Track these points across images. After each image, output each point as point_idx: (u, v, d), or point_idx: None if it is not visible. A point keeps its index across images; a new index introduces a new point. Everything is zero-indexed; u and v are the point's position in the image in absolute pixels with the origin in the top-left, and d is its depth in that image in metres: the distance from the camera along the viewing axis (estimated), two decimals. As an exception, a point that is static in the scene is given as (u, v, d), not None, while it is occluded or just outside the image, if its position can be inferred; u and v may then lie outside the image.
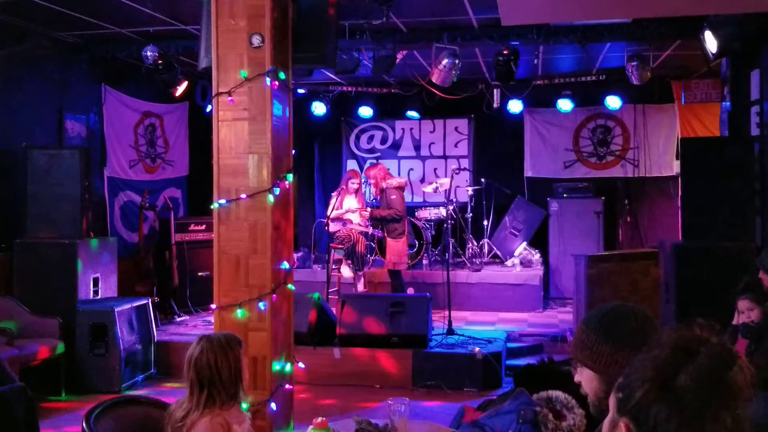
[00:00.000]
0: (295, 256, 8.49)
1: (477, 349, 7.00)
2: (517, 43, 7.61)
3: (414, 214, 10.32)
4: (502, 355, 7.14)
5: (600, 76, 9.79)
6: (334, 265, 9.12)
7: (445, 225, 9.75)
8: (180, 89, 8.77)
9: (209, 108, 8.33)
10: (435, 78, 8.03)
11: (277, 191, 4.63)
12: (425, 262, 10.32)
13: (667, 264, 6.55)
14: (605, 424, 1.33)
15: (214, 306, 4.66)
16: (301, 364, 5.20)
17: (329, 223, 8.92)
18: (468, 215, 10.74)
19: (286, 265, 4.80)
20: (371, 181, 9.37)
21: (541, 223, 10.95)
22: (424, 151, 11.98)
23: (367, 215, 9.13)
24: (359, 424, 3.31)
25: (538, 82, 10.05)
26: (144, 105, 9.64)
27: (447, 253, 9.47)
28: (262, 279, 4.59)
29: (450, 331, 7.67)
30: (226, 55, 4.61)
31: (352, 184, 9.28)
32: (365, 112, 11.41)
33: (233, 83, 4.59)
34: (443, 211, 10.01)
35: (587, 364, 2.00)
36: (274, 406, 4.56)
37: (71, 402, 6.50)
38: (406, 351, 7.02)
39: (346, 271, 9.14)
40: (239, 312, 4.56)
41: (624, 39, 7.69)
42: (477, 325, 8.50)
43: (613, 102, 10.34)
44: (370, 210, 9.16)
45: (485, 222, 10.90)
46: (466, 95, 10.00)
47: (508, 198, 11.09)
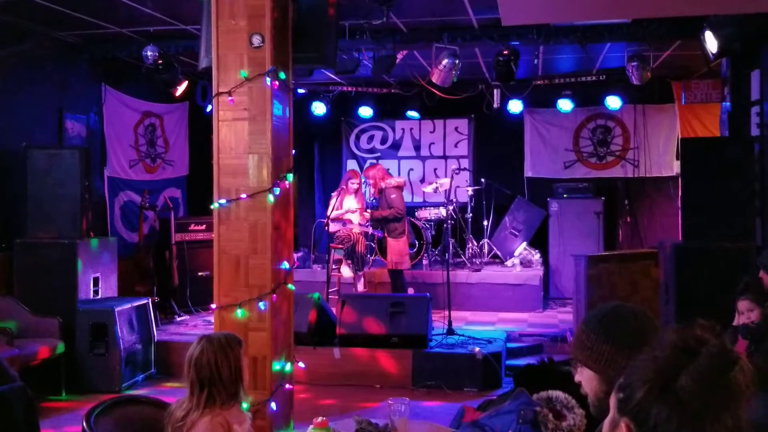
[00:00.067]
0: (295, 256, 8.48)
1: (477, 349, 7.00)
2: (518, 44, 7.61)
3: (414, 214, 10.32)
4: (502, 355, 7.15)
5: (600, 76, 9.78)
6: (334, 265, 9.12)
7: (445, 225, 9.75)
8: (180, 89, 8.77)
9: (209, 108, 8.34)
10: (435, 78, 8.03)
11: (277, 191, 4.63)
12: (425, 262, 10.32)
13: (667, 264, 6.55)
14: (606, 424, 1.33)
15: (214, 306, 4.66)
16: (301, 364, 5.21)
17: (329, 223, 8.92)
18: (468, 215, 10.74)
19: (286, 265, 4.80)
20: (370, 182, 9.37)
21: (541, 224, 10.95)
22: (424, 151, 11.98)
23: (368, 218, 9.12)
24: (359, 424, 3.31)
25: (538, 82, 10.04)
26: (144, 105, 9.63)
27: (447, 253, 9.47)
28: (262, 279, 4.59)
29: (450, 331, 7.68)
30: (226, 55, 4.61)
31: (352, 184, 9.27)
32: (365, 112, 11.40)
33: (233, 83, 4.59)
34: (443, 211, 10.01)
35: (587, 364, 2.00)
36: (274, 406, 4.56)
37: (71, 402, 6.50)
38: (406, 351, 7.03)
39: (346, 271, 9.14)
40: (239, 312, 4.56)
41: (624, 39, 7.69)
42: (477, 325, 8.50)
43: (613, 102, 10.33)
44: (370, 212, 9.15)
45: (485, 222, 10.90)
46: (466, 95, 10.00)
47: (508, 198, 11.09)
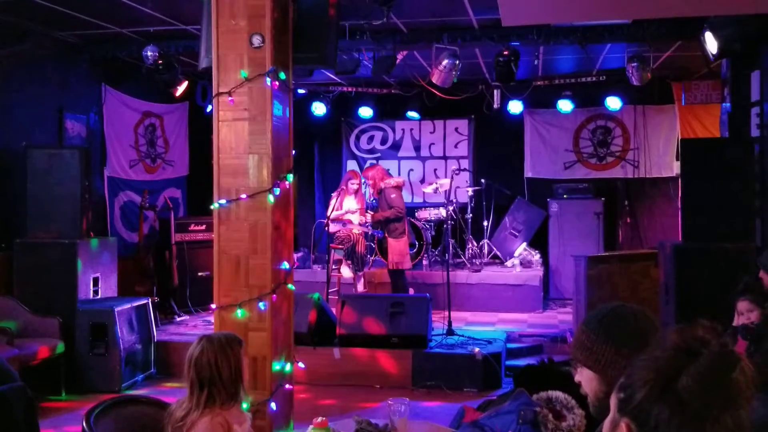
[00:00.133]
0: (295, 256, 8.48)
1: (477, 350, 7.01)
2: (518, 44, 7.61)
3: (414, 214, 10.32)
4: (501, 356, 7.15)
5: (600, 76, 9.79)
6: (334, 266, 9.12)
7: (445, 225, 9.74)
8: (180, 89, 8.77)
9: (209, 108, 8.34)
10: (435, 78, 8.03)
11: (277, 191, 4.63)
12: (425, 262, 10.32)
13: (667, 265, 6.55)
14: (606, 424, 1.33)
15: (214, 306, 4.66)
16: (301, 364, 5.21)
17: (329, 224, 8.92)
18: (468, 216, 10.74)
19: (286, 265, 4.80)
20: (369, 182, 9.36)
21: (541, 224, 10.95)
22: (424, 152, 11.97)
23: (370, 221, 9.09)
24: (359, 424, 3.31)
25: (538, 82, 10.05)
26: (144, 105, 9.63)
27: (447, 254, 9.46)
28: (262, 279, 4.59)
29: (450, 332, 7.67)
30: (226, 55, 4.61)
31: (351, 184, 9.27)
32: (365, 112, 11.39)
33: (233, 83, 4.59)
34: (443, 212, 10.01)
35: (587, 364, 2.00)
36: (274, 406, 4.56)
37: (71, 402, 6.50)
38: (406, 351, 7.03)
39: (346, 272, 9.14)
40: (239, 312, 4.56)
41: (624, 40, 7.69)
42: (477, 326, 8.50)
43: (614, 103, 10.33)
44: (372, 216, 9.13)
45: (485, 223, 10.90)
46: (466, 96, 10.00)
47: (508, 199, 11.09)
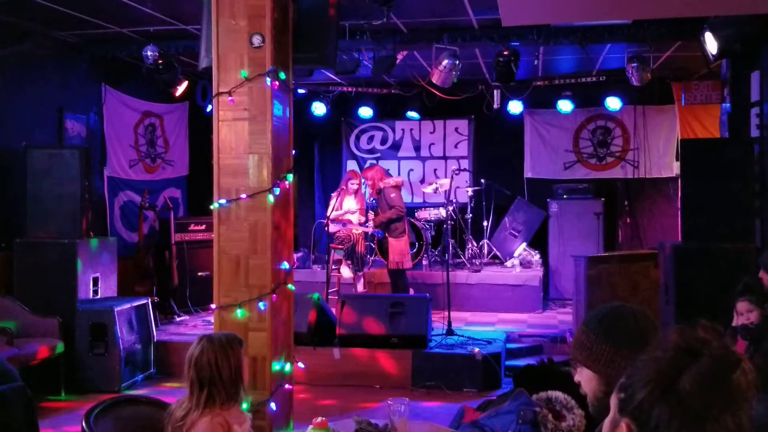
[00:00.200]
0: (295, 256, 8.48)
1: (476, 350, 7.00)
2: (518, 44, 7.61)
3: (414, 214, 10.32)
4: (501, 356, 7.15)
5: (600, 77, 9.79)
6: (333, 266, 9.12)
7: (445, 226, 9.74)
8: (180, 89, 8.77)
9: (209, 108, 8.33)
10: (435, 79, 8.03)
11: (277, 191, 4.63)
12: (425, 262, 10.32)
13: (667, 265, 6.55)
14: (606, 424, 1.33)
15: (214, 306, 4.66)
16: (301, 364, 5.20)
17: (329, 224, 8.92)
18: (468, 216, 10.74)
19: (286, 265, 4.80)
20: (368, 183, 9.35)
21: (541, 224, 10.95)
22: (424, 152, 11.97)
23: (372, 225, 9.06)
24: (359, 424, 3.31)
25: (538, 83, 10.05)
26: (144, 105, 9.64)
27: (447, 254, 9.46)
28: (262, 279, 4.59)
29: (450, 332, 7.67)
30: (226, 55, 4.61)
31: (351, 184, 9.27)
32: (365, 112, 11.39)
33: (233, 83, 4.59)
34: (443, 212, 10.00)
35: (587, 364, 2.00)
36: (273, 406, 4.56)
37: (71, 402, 6.50)
38: (405, 351, 7.03)
39: (345, 272, 9.13)
40: (239, 312, 4.56)
41: (624, 40, 7.69)
42: (477, 326, 8.50)
43: (613, 103, 10.33)
44: (373, 219, 9.09)
45: (485, 223, 10.90)
46: (466, 96, 10.00)
47: (508, 199, 11.08)
